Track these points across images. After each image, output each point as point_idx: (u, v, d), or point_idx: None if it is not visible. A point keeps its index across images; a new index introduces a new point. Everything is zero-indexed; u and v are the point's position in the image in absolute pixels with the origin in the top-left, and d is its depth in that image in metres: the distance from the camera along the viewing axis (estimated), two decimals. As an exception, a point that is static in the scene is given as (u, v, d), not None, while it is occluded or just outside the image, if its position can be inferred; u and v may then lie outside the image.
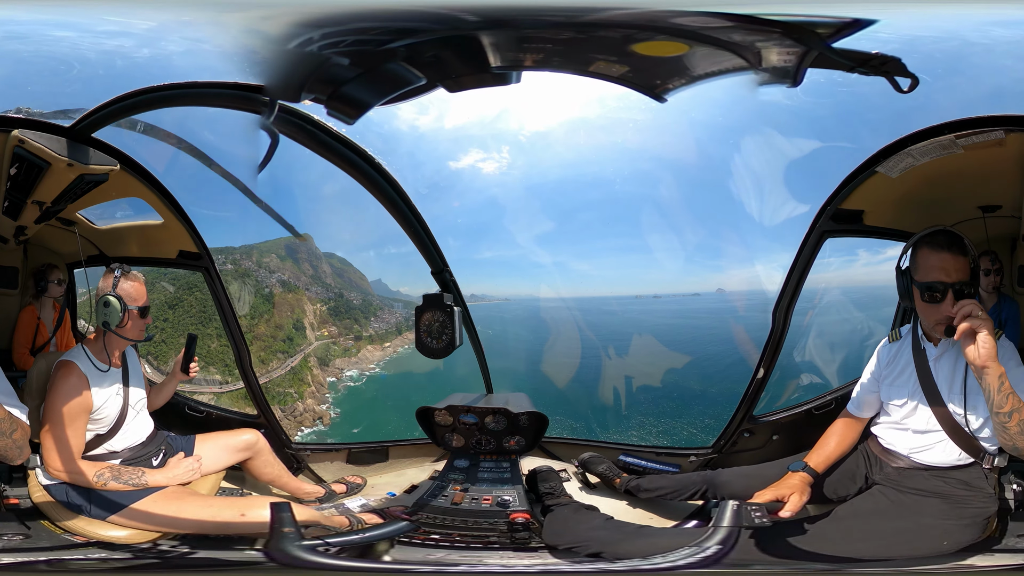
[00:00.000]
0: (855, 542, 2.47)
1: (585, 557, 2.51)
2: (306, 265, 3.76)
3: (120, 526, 2.70)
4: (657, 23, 2.63)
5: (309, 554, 2.39)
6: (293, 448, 3.49)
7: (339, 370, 3.88)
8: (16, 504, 2.74)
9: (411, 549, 2.62)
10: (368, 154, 3.07)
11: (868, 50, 2.50)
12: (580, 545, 2.58)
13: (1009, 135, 2.57)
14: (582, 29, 2.67)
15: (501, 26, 2.61)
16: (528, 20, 2.63)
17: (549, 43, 2.72)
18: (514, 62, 2.75)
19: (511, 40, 2.67)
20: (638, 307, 3.54)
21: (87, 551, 2.61)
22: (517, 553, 2.60)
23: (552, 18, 2.63)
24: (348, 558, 2.42)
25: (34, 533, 2.64)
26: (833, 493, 2.75)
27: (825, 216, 3.03)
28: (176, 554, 2.64)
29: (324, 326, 3.88)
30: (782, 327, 3.22)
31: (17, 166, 2.70)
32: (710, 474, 3.04)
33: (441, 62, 2.72)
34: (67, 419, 2.68)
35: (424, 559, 2.54)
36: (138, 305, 2.81)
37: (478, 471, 3.09)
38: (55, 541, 2.62)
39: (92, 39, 2.59)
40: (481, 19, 2.59)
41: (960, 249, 2.41)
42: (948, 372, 2.54)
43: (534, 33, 2.66)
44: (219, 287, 3.37)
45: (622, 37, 2.68)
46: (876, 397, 2.75)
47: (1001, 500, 2.55)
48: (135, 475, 2.75)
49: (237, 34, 2.55)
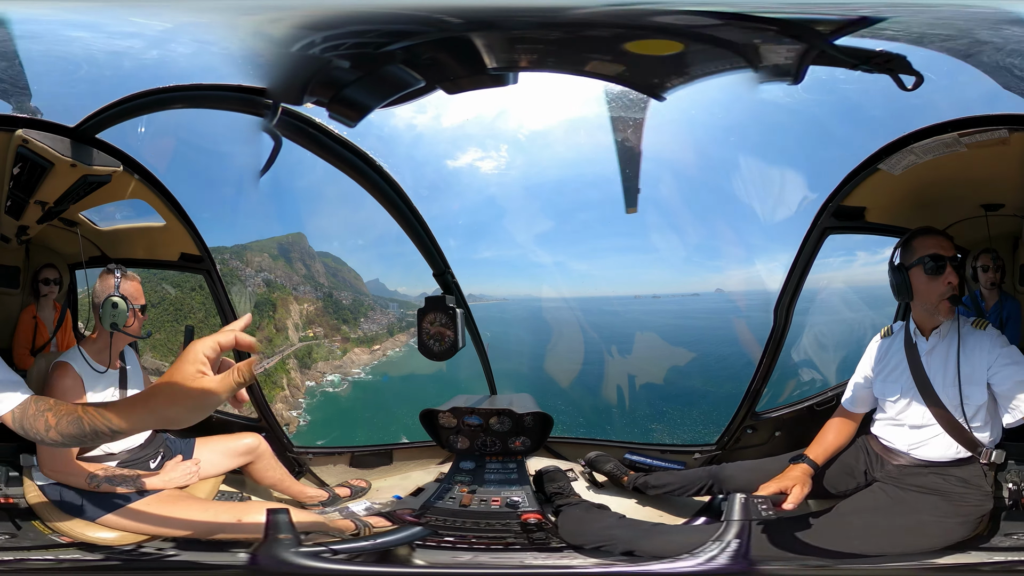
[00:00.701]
0: (855, 538, 2.51)
1: (617, 556, 2.51)
2: (299, 264, 3.71)
3: (113, 528, 2.66)
4: (656, 21, 2.64)
5: (313, 561, 2.34)
6: (295, 452, 3.46)
7: (321, 374, 3.80)
8: (12, 504, 2.72)
9: (427, 552, 2.60)
10: (369, 156, 3.06)
11: (871, 47, 2.53)
12: (606, 544, 2.58)
13: (1013, 134, 2.61)
14: (580, 28, 2.68)
15: (497, 27, 2.61)
16: (524, 21, 2.62)
17: (547, 43, 2.72)
18: (511, 63, 2.75)
19: (507, 41, 2.67)
20: (639, 307, 3.55)
21: (78, 552, 2.57)
22: (536, 554, 2.59)
23: (548, 18, 2.63)
24: (363, 564, 2.39)
25: (24, 534, 2.62)
26: (832, 487, 2.78)
27: (827, 213, 3.06)
28: (169, 557, 2.60)
29: (310, 327, 3.80)
30: (783, 324, 3.24)
31: (20, 166, 2.69)
32: (715, 469, 3.07)
33: (439, 64, 2.72)
34: None
35: (442, 562, 2.53)
36: (139, 304, 2.83)
37: (484, 472, 3.08)
38: (45, 542, 2.61)
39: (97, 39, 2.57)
40: (477, 21, 2.58)
41: (938, 232, 2.64)
42: (940, 365, 2.61)
43: (530, 34, 2.66)
44: (220, 290, 3.35)
45: (619, 36, 2.69)
46: (869, 393, 2.80)
47: (997, 498, 2.59)
48: (130, 478, 2.71)
49: (242, 36, 2.53)
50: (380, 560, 2.43)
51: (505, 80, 2.85)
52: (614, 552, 2.53)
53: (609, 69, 2.85)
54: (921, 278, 2.61)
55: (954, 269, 2.58)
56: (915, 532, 2.50)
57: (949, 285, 2.58)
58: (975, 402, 2.55)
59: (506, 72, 2.79)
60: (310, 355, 3.81)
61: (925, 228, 2.67)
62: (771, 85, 2.82)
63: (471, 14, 2.59)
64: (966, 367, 2.56)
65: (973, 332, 2.61)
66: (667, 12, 2.62)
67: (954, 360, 2.56)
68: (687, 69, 2.82)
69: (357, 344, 3.84)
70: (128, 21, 2.55)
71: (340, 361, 3.82)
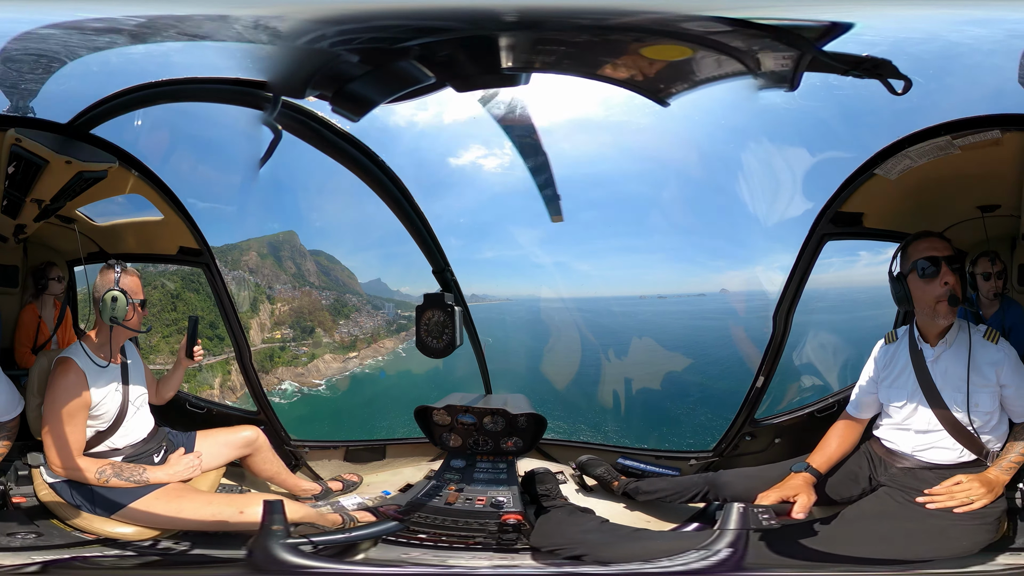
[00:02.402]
0: (863, 544, 2.47)
1: (565, 560, 2.49)
2: (288, 263, 3.70)
3: (121, 522, 2.72)
4: (660, 28, 2.64)
5: (291, 554, 2.37)
6: (292, 445, 3.50)
7: (277, 380, 3.69)
8: (23, 503, 2.77)
9: (395, 548, 2.61)
10: (371, 151, 3.09)
11: (859, 53, 2.51)
12: (564, 547, 2.57)
13: (1005, 134, 2.58)
14: (590, 33, 2.68)
15: (511, 28, 2.63)
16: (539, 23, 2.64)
17: (557, 45, 2.73)
18: (525, 64, 2.77)
19: (522, 42, 2.69)
20: (649, 308, 3.52)
21: (93, 548, 2.63)
22: (502, 554, 2.58)
23: (562, 21, 2.64)
24: (331, 558, 2.40)
25: (43, 531, 2.67)
26: (835, 494, 2.74)
27: (825, 219, 3.03)
28: (178, 551, 2.66)
29: (279, 328, 3.71)
30: (783, 331, 3.20)
31: (15, 164, 2.72)
32: (711, 476, 3.03)
33: (451, 61, 2.74)
34: (66, 417, 2.71)
35: (404, 559, 2.53)
36: (139, 298, 2.87)
37: (474, 471, 3.08)
38: (65, 539, 2.66)
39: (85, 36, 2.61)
40: (491, 21, 2.60)
41: (935, 235, 2.58)
42: (947, 373, 2.56)
43: (543, 36, 2.68)
44: (219, 283, 3.39)
45: (627, 41, 2.69)
46: (875, 398, 2.75)
47: (1009, 500, 2.52)
48: (136, 472, 2.78)
49: (242, 30, 2.57)
50: (348, 554, 2.45)
51: (516, 80, 2.87)
52: (588, 556, 2.51)
53: (616, 73, 2.86)
54: (918, 283, 2.56)
55: (951, 270, 2.52)
56: (925, 536, 2.44)
57: (946, 286, 2.51)
58: (984, 409, 2.51)
59: (518, 72, 2.81)
60: (271, 359, 3.68)
61: (919, 233, 2.62)
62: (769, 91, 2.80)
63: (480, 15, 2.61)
64: (976, 376, 2.50)
65: (984, 343, 2.55)
66: (671, 17, 2.62)
67: (962, 368, 2.51)
68: (690, 74, 2.82)
69: (331, 350, 3.70)
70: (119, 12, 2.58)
71: (303, 369, 3.67)
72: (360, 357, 3.72)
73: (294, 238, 3.62)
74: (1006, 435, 2.55)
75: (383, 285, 3.75)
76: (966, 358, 2.51)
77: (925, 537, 2.44)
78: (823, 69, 2.60)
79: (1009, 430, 2.56)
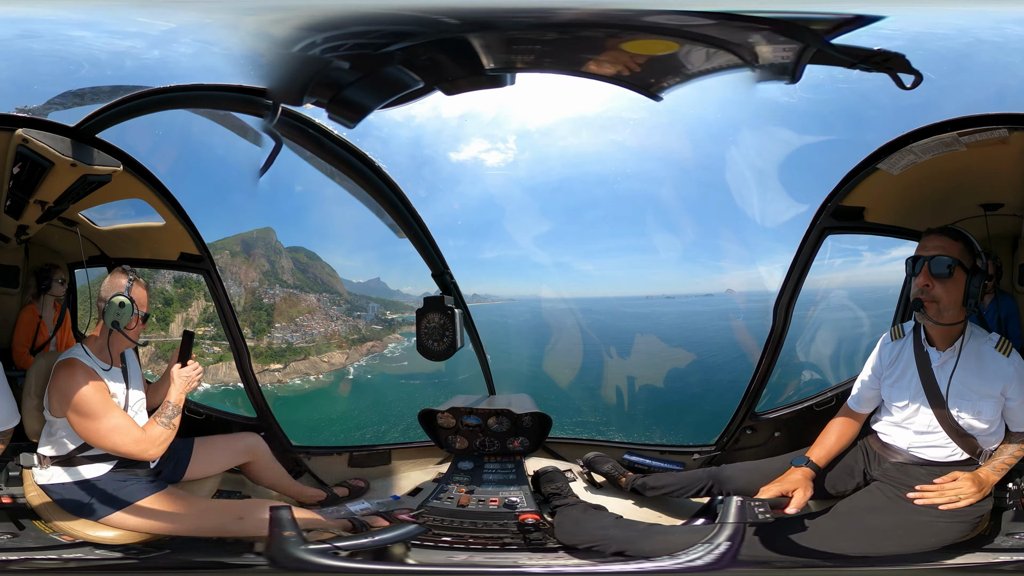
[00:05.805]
0: (852, 539, 2.49)
1: (609, 556, 2.50)
2: (261, 260, 3.62)
3: (117, 527, 2.65)
4: (654, 22, 2.64)
5: (318, 557, 2.34)
6: (294, 451, 3.46)
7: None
8: (8, 503, 2.72)
9: (423, 552, 2.59)
10: (368, 157, 3.07)
11: (870, 46, 2.52)
12: (599, 544, 2.58)
13: (1012, 133, 2.57)
14: (574, 29, 2.68)
15: (494, 28, 2.61)
16: (521, 22, 2.63)
17: (545, 45, 2.72)
18: (507, 64, 2.76)
19: (503, 42, 2.67)
20: (660, 308, 3.53)
21: (77, 551, 2.57)
22: (532, 554, 2.58)
23: (546, 19, 2.63)
24: (361, 561, 2.38)
25: (20, 532, 2.62)
26: (832, 488, 2.76)
27: (826, 213, 3.04)
28: (171, 556, 2.61)
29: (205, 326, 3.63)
30: (783, 324, 3.23)
31: (20, 165, 2.68)
32: (714, 470, 3.04)
33: (437, 65, 2.72)
34: (100, 408, 2.62)
35: (437, 561, 2.53)
36: (143, 311, 2.82)
37: (483, 473, 3.08)
38: (45, 541, 2.60)
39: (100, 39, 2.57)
40: (474, 22, 2.59)
41: (948, 233, 2.51)
42: (955, 380, 2.54)
43: (527, 35, 2.67)
44: (220, 289, 3.35)
45: (617, 36, 2.69)
46: (877, 394, 2.76)
47: (996, 500, 2.57)
48: (167, 412, 2.70)
49: (244, 37, 2.54)
50: (376, 559, 2.43)
51: (502, 81, 2.85)
52: (609, 552, 2.53)
53: (607, 69, 2.85)
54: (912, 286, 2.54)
55: (933, 274, 2.45)
56: (912, 532, 2.48)
57: (917, 288, 2.48)
58: (987, 417, 2.52)
59: (502, 73, 2.80)
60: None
61: (936, 228, 2.55)
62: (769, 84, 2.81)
63: (466, 15, 2.59)
64: (984, 386, 2.51)
65: (996, 355, 2.53)
66: (663, 12, 2.62)
67: (971, 377, 2.51)
68: (686, 68, 2.83)
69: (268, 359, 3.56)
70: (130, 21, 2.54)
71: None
72: (287, 373, 3.56)
73: (270, 234, 3.53)
74: (1001, 437, 2.57)
75: (383, 285, 3.72)
76: (975, 367, 2.51)
77: (909, 532, 2.48)
78: (829, 62, 2.59)
79: (1005, 433, 2.58)
